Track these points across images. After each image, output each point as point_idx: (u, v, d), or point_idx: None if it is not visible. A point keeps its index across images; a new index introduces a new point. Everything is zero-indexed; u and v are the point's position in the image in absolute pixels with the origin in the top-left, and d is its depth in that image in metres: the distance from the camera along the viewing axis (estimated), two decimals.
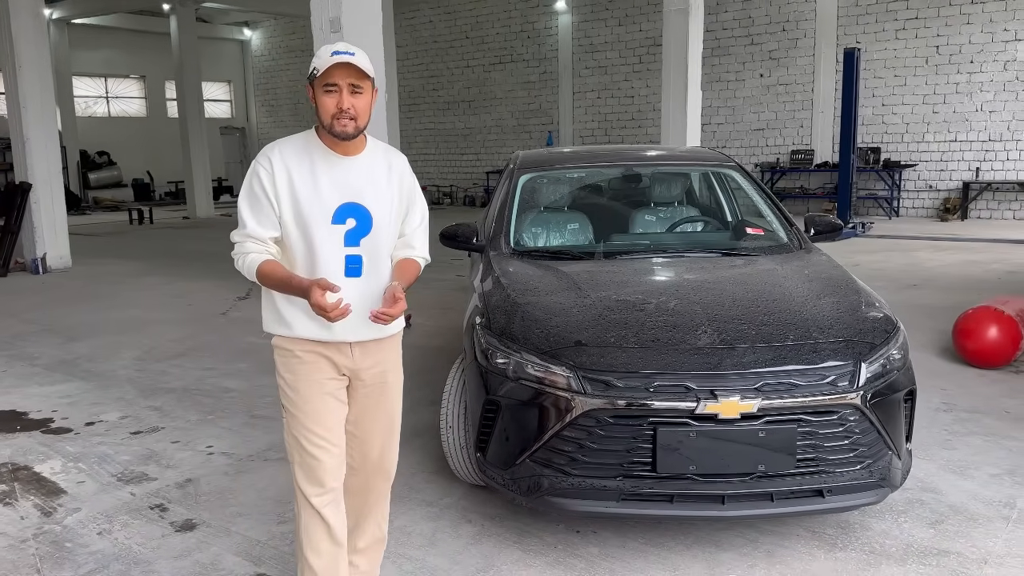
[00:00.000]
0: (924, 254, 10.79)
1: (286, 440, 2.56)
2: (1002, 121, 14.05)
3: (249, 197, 2.43)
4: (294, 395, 2.49)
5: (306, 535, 2.52)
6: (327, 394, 2.50)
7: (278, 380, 2.55)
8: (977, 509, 3.44)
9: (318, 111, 2.39)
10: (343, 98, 2.35)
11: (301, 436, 2.49)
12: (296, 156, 2.43)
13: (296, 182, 2.40)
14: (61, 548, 3.28)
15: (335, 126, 2.37)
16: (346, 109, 2.36)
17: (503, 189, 4.77)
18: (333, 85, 2.35)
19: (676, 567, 3.03)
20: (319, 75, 2.35)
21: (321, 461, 2.49)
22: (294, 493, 2.56)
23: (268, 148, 2.47)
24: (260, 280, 2.41)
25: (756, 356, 2.98)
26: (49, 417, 4.94)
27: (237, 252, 2.44)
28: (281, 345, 2.52)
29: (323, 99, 2.37)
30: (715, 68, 16.47)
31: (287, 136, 2.51)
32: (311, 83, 2.41)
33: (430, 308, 7.69)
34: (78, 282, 10.06)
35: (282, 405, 2.55)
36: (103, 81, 24.09)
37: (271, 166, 2.41)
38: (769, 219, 4.56)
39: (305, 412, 2.48)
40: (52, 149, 10.91)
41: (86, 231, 15.43)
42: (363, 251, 2.46)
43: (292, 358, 2.49)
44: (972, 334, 5.46)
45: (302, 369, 2.49)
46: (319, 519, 2.51)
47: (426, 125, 21.84)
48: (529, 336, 3.17)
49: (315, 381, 2.49)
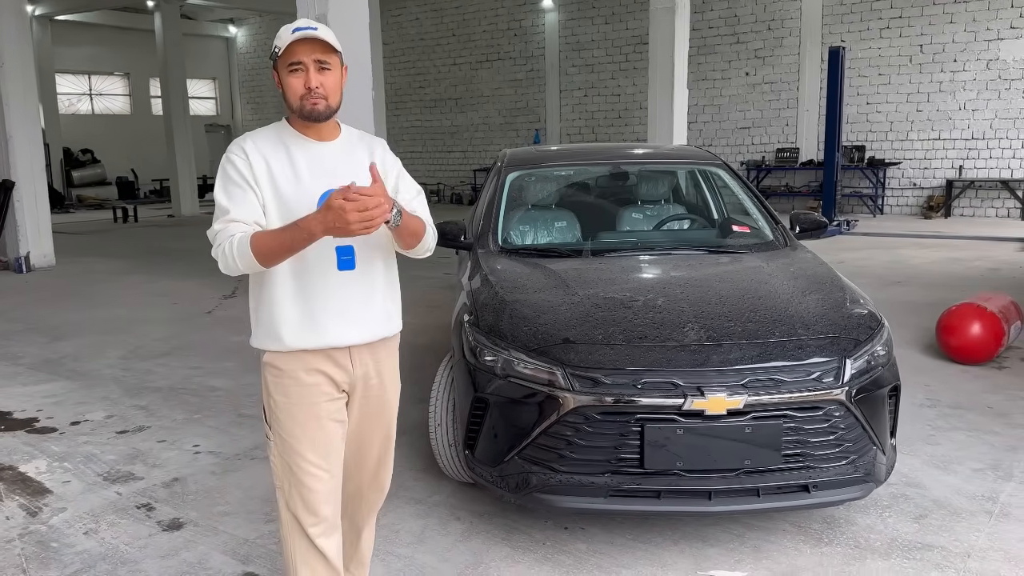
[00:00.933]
0: (908, 251, 10.87)
1: (273, 464, 2.33)
2: (985, 120, 14.18)
3: (227, 186, 2.19)
4: (287, 420, 2.26)
5: (300, 566, 2.32)
6: (324, 417, 2.28)
7: (266, 400, 2.31)
8: (960, 503, 3.48)
9: (285, 95, 2.21)
10: (310, 76, 2.17)
11: (293, 464, 2.27)
12: (270, 145, 2.24)
13: (275, 171, 2.20)
14: (47, 548, 3.26)
15: (305, 106, 2.18)
16: (315, 88, 2.17)
17: (491, 187, 4.78)
18: (298, 63, 2.17)
19: (663, 563, 3.05)
20: (281, 54, 2.17)
21: (315, 490, 2.28)
22: (280, 519, 2.36)
23: (239, 139, 2.26)
24: (259, 255, 2.08)
25: (742, 353, 3.00)
26: (34, 417, 4.91)
27: (220, 239, 2.14)
28: (274, 364, 2.26)
29: (289, 80, 2.18)
30: (701, 66, 16.53)
31: (256, 129, 2.32)
32: (275, 66, 2.23)
33: (418, 306, 7.68)
34: (62, 281, 9.98)
35: (268, 426, 2.33)
36: (87, 78, 23.90)
37: (246, 155, 2.20)
38: (755, 217, 4.59)
39: (298, 438, 2.26)
40: (35, 147, 10.81)
41: (70, 229, 15.31)
42: (355, 240, 2.22)
43: (286, 379, 2.25)
44: (955, 330, 5.52)
45: (297, 392, 2.25)
46: (314, 550, 2.31)
47: (413, 123, 21.80)
48: (517, 334, 3.17)
49: (312, 404, 2.26)
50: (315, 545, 2.30)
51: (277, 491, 2.35)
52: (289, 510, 2.32)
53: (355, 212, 1.95)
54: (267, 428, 2.35)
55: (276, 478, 2.34)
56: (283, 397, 2.27)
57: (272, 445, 2.33)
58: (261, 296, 2.27)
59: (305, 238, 2.05)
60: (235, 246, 2.10)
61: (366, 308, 2.30)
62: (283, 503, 2.33)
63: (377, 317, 2.33)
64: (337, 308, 2.25)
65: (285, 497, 2.32)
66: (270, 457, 2.35)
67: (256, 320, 2.30)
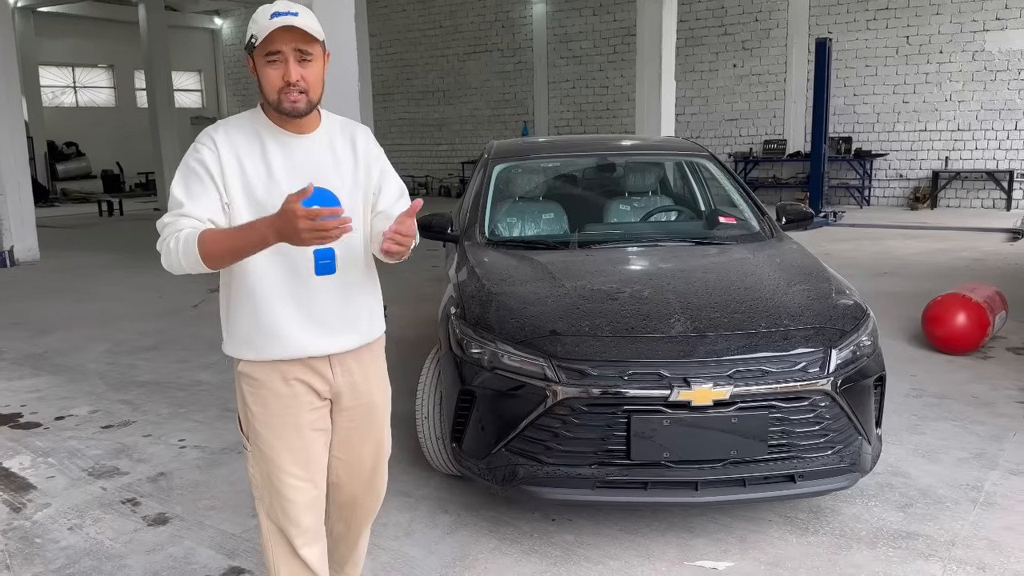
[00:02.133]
0: (894, 242, 10.93)
1: (251, 475, 2.21)
2: (970, 111, 14.24)
3: (187, 178, 2.00)
4: (265, 431, 2.12)
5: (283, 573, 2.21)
6: (305, 427, 2.15)
7: (242, 411, 2.18)
8: (945, 492, 3.50)
9: (261, 86, 2.02)
10: (290, 69, 1.98)
11: (273, 476, 2.14)
12: (244, 139, 2.06)
13: (248, 169, 2.03)
14: (31, 544, 3.23)
15: (283, 102, 2.00)
16: (295, 82, 1.99)
17: (477, 179, 4.76)
18: (276, 53, 1.98)
19: (650, 553, 3.05)
20: (258, 43, 1.97)
21: (296, 502, 2.16)
22: (260, 529, 2.24)
23: (210, 129, 2.08)
24: (205, 255, 1.89)
25: (728, 344, 3.00)
26: (18, 412, 4.87)
27: (167, 233, 1.96)
28: (249, 373, 2.12)
29: (266, 71, 1.99)
30: (689, 58, 16.52)
31: (229, 117, 2.14)
32: (250, 53, 2.02)
33: (405, 299, 7.66)
34: (47, 275, 9.90)
35: (245, 437, 2.19)
36: (70, 71, 23.68)
37: (216, 147, 2.02)
38: (742, 208, 4.60)
39: (277, 450, 2.12)
40: (18, 140, 10.69)
41: (55, 223, 15.18)
42: (334, 243, 1.99)
43: (263, 390, 2.11)
44: (941, 321, 5.54)
45: (276, 403, 2.11)
46: (297, 560, 2.19)
47: (400, 115, 21.71)
48: (504, 326, 3.17)
49: (291, 414, 2.12)
50: (298, 555, 2.20)
51: (256, 502, 2.24)
52: (270, 520, 2.20)
53: (306, 220, 1.77)
54: (243, 439, 2.22)
55: (255, 489, 2.22)
56: (260, 408, 2.13)
57: (250, 456, 2.19)
58: (233, 301, 2.12)
59: (257, 241, 1.88)
60: (181, 242, 1.93)
61: (346, 315, 2.15)
62: (263, 514, 2.22)
63: (359, 324, 2.20)
64: (315, 316, 2.10)
65: (265, 508, 2.21)
66: (248, 468, 2.22)
67: (228, 327, 2.15)
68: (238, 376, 2.17)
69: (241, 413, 2.20)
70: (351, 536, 2.48)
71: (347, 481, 2.33)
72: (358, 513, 2.43)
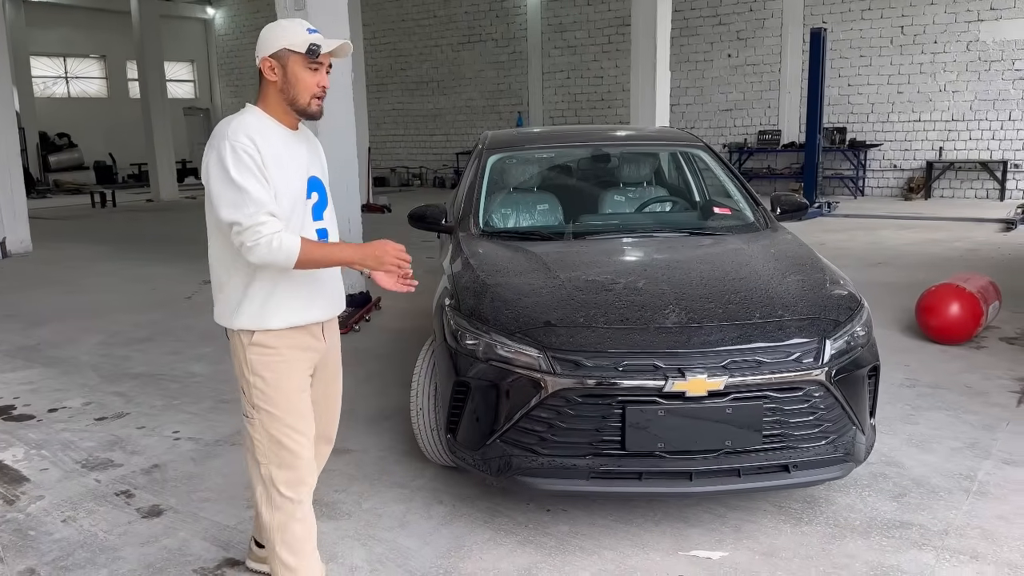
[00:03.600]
0: (888, 232, 10.95)
1: (257, 441, 2.43)
2: (964, 101, 14.26)
3: (243, 171, 2.21)
4: (275, 394, 2.40)
5: (288, 537, 2.45)
6: (305, 389, 2.48)
7: (251, 379, 2.40)
8: (938, 482, 3.51)
9: (293, 88, 2.31)
10: (324, 76, 2.36)
11: (283, 435, 2.41)
12: (261, 135, 2.30)
13: (271, 159, 2.29)
14: (25, 536, 3.22)
15: (312, 105, 2.36)
16: (327, 87, 2.37)
17: (472, 170, 4.75)
18: (319, 63, 2.34)
19: (645, 543, 3.06)
20: (322, 53, 2.31)
21: (304, 459, 2.45)
22: (261, 495, 2.47)
23: (236, 129, 2.26)
24: (300, 262, 2.23)
25: (723, 334, 3.00)
26: (11, 404, 4.85)
27: (265, 231, 2.18)
28: (262, 343, 2.38)
29: (304, 75, 2.32)
30: (684, 48, 16.50)
31: (234, 117, 2.33)
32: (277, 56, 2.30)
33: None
34: (39, 267, 9.85)
35: (252, 406, 2.43)
36: (62, 61, 23.53)
37: (253, 143, 2.25)
38: (736, 199, 4.59)
39: (286, 410, 2.41)
40: (9, 131, 10.65)
41: (47, 215, 15.11)
42: (326, 224, 2.50)
43: (274, 356, 2.39)
44: (934, 311, 5.56)
45: (284, 367, 2.41)
46: (301, 520, 2.47)
47: (394, 105, 21.65)
48: (498, 317, 3.16)
49: (295, 376, 2.44)
50: (297, 516, 2.45)
51: (260, 468, 2.46)
52: (274, 485, 2.43)
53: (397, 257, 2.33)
54: (247, 408, 2.44)
55: (260, 455, 2.45)
56: (271, 373, 2.39)
57: (256, 422, 2.42)
58: (257, 279, 2.36)
59: (339, 260, 2.35)
60: (284, 246, 2.21)
61: (335, 287, 2.56)
62: (267, 479, 2.44)
63: (339, 295, 2.61)
64: (321, 286, 2.47)
65: (271, 472, 2.43)
66: (252, 435, 2.45)
67: (241, 302, 2.37)
68: (247, 348, 2.40)
69: (248, 382, 2.42)
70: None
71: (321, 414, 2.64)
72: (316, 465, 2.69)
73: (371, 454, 3.95)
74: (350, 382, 5.02)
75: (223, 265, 2.41)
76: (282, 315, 2.38)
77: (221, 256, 2.41)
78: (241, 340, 2.40)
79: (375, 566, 2.95)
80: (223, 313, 2.44)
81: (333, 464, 3.80)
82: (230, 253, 2.34)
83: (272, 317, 2.37)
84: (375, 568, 2.94)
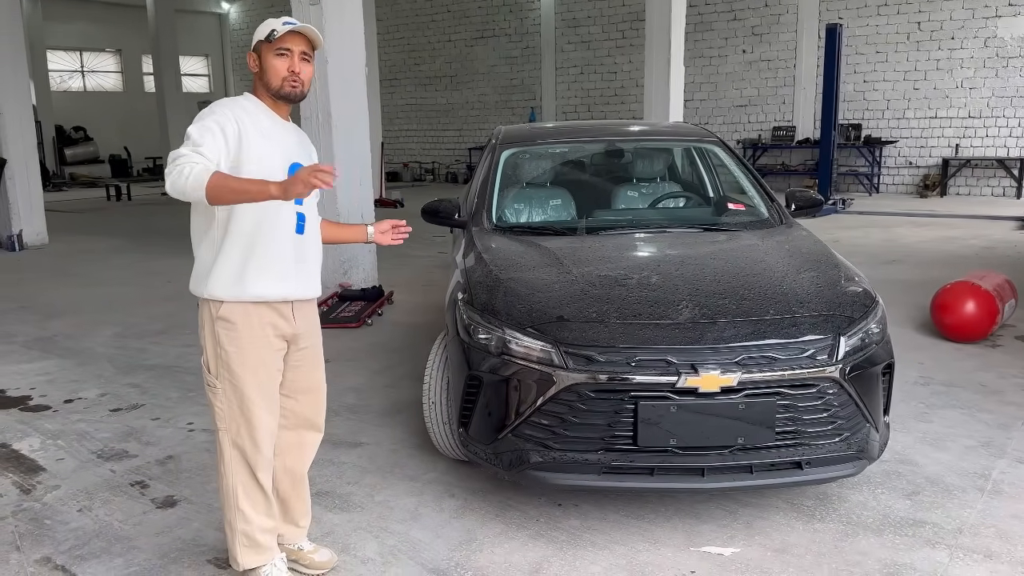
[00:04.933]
0: (903, 230, 10.87)
1: (219, 409, 2.58)
2: (982, 98, 14.13)
3: (205, 127, 2.36)
4: (239, 367, 2.52)
5: (241, 497, 2.61)
6: (271, 364, 2.59)
7: (214, 352, 2.54)
8: (953, 480, 3.50)
9: (266, 75, 2.51)
10: (294, 62, 2.51)
11: (244, 407, 2.55)
12: (249, 115, 2.49)
13: (254, 130, 2.46)
14: (41, 525, 3.26)
15: (284, 87, 2.51)
16: (297, 72, 2.51)
17: (485, 164, 4.75)
18: (286, 49, 2.49)
19: (656, 539, 3.06)
20: (276, 39, 2.47)
21: (264, 429, 2.59)
22: (221, 458, 2.61)
23: (225, 103, 2.48)
24: (211, 187, 2.20)
25: (736, 330, 2.99)
26: (27, 395, 4.90)
27: (181, 162, 2.24)
28: (227, 317, 2.50)
29: (274, 62, 2.49)
30: (698, 44, 16.43)
31: (226, 99, 2.55)
32: (256, 49, 2.53)
33: (412, 285, 7.67)
34: (55, 259, 9.94)
35: (215, 377, 2.56)
36: (78, 55, 23.67)
37: (233, 116, 2.42)
38: (751, 194, 4.57)
39: (250, 384, 2.54)
40: (27, 124, 10.72)
41: (63, 208, 15.23)
42: (305, 209, 2.61)
43: (239, 331, 2.51)
44: (950, 309, 5.52)
45: (250, 342, 2.53)
46: (255, 483, 2.61)
47: (407, 100, 21.66)
48: (511, 311, 3.16)
49: (261, 349, 2.55)
50: (256, 479, 2.61)
51: (221, 433, 2.60)
52: (235, 448, 2.58)
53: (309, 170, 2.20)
54: (210, 377, 2.58)
55: (221, 421, 2.59)
56: (235, 348, 2.52)
57: (219, 391, 2.57)
58: (225, 248, 2.48)
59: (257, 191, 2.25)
60: (194, 172, 2.23)
61: (308, 270, 2.63)
62: (228, 443, 2.59)
63: (314, 279, 2.68)
64: (293, 266, 2.57)
65: (232, 437, 2.58)
66: (214, 403, 2.59)
67: (210, 272, 2.49)
68: (215, 321, 2.52)
69: (211, 354, 2.56)
70: (298, 488, 2.85)
71: (294, 421, 2.75)
72: (305, 453, 2.83)
73: (383, 447, 3.96)
74: (363, 376, 5.08)
75: (196, 234, 2.57)
76: (249, 288, 2.49)
77: (195, 226, 2.57)
78: (210, 310, 2.53)
79: (387, 558, 2.96)
80: (194, 282, 2.57)
81: (346, 456, 3.83)
82: (202, 222, 2.53)
83: (240, 290, 2.48)
84: (387, 560, 2.95)
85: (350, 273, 7.06)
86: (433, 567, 2.90)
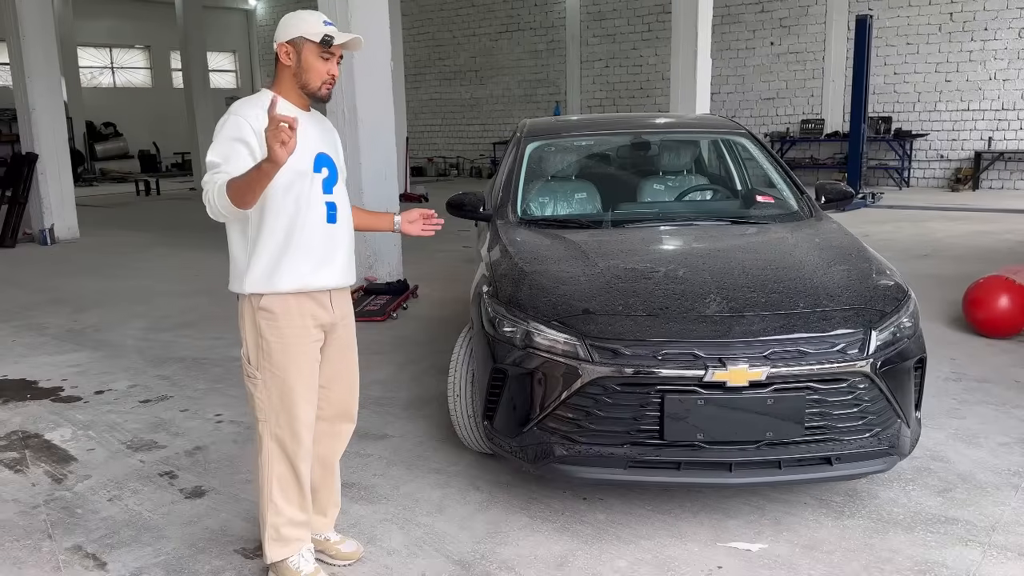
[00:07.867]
0: (935, 224, 10.70)
1: (260, 402, 2.59)
2: (1016, 90, 13.86)
3: (222, 146, 2.40)
4: (281, 357, 2.55)
5: (276, 491, 2.63)
6: (311, 355, 2.62)
7: (255, 343, 2.57)
8: (986, 478, 3.43)
9: (306, 73, 2.51)
10: (336, 66, 2.56)
11: (286, 397, 2.57)
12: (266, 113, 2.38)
13: None
14: (72, 514, 3.31)
15: (322, 89, 2.55)
16: (336, 75, 2.57)
17: (510, 157, 4.73)
18: (331, 53, 2.52)
19: (682, 533, 3.04)
20: (334, 43, 2.48)
21: (304, 420, 2.61)
22: (260, 449, 2.63)
23: (245, 105, 2.47)
24: (231, 195, 2.29)
25: (765, 324, 2.96)
26: (59, 386, 4.97)
27: (206, 189, 2.36)
28: (269, 308, 2.53)
29: (316, 63, 2.51)
30: (725, 36, 16.26)
31: (248, 98, 2.54)
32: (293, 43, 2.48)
33: (437, 279, 7.68)
34: (86, 253, 10.08)
35: (256, 368, 2.59)
36: (108, 51, 23.97)
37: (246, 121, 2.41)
38: (780, 187, 4.51)
39: (291, 373, 2.56)
40: (58, 120, 10.88)
41: (93, 202, 15.44)
42: (336, 198, 2.62)
43: (280, 320, 2.54)
44: (982, 304, 5.43)
45: (291, 332, 2.55)
46: (292, 477, 2.63)
47: (432, 95, 21.68)
48: (536, 305, 3.15)
49: (302, 339, 2.57)
50: (295, 470, 2.63)
51: (260, 424, 2.62)
52: (275, 440, 2.60)
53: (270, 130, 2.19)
54: (251, 368, 2.60)
55: (260, 412, 2.61)
56: (277, 338, 2.54)
57: (260, 383, 2.59)
58: (261, 243, 2.50)
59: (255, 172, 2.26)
60: (215, 191, 2.33)
61: (344, 257, 2.66)
62: (268, 434, 2.61)
63: (351, 267, 2.71)
64: (329, 255, 2.59)
65: (272, 428, 2.60)
66: (255, 394, 2.60)
67: (248, 267, 2.52)
68: (256, 312, 2.55)
69: (253, 345, 2.58)
70: (330, 475, 2.89)
71: (329, 412, 2.77)
72: (337, 443, 2.86)
73: (409, 440, 3.97)
74: (389, 369, 5.10)
75: (232, 235, 2.58)
76: (288, 280, 2.51)
77: (230, 227, 2.57)
78: (251, 303, 2.56)
79: (413, 550, 2.97)
80: (233, 279, 2.59)
81: (371, 449, 3.85)
82: (237, 223, 2.53)
83: (279, 281, 2.51)
84: (413, 552, 2.96)
85: (375, 267, 7.09)
86: (459, 559, 2.90)
